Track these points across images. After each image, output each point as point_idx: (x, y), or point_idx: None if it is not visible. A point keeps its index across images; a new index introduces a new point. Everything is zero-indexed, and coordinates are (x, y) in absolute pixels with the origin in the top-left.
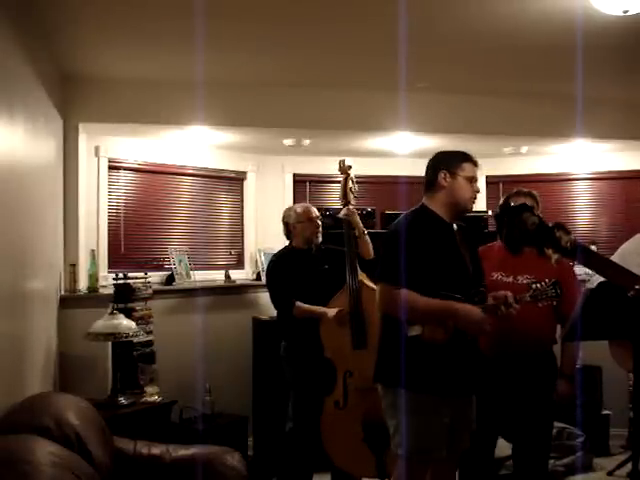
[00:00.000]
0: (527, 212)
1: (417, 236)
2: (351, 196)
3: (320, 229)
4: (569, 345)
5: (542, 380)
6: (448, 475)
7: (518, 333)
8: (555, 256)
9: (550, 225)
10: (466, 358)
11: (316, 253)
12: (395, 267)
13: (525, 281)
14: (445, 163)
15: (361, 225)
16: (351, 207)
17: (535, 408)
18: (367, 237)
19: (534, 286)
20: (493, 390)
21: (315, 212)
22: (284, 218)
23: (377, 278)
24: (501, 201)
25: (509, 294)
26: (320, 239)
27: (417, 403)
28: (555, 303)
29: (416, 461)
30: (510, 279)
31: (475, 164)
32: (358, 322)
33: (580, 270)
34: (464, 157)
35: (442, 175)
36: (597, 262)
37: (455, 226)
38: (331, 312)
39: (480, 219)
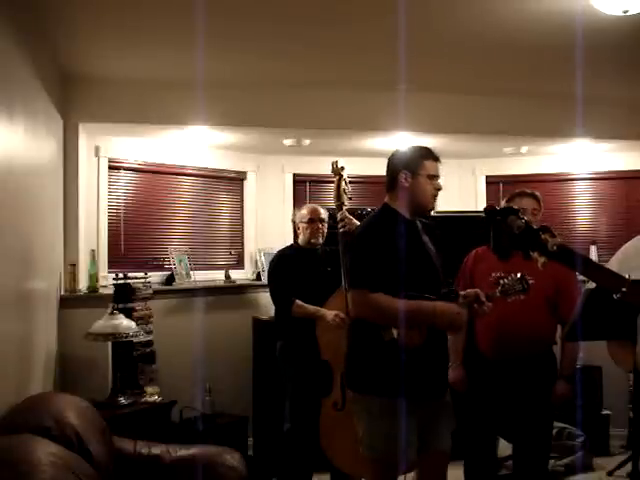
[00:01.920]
0: (512, 215)
1: (383, 237)
2: (345, 197)
3: (321, 231)
4: (569, 346)
5: (542, 381)
6: (437, 477)
7: (518, 334)
8: (541, 259)
9: (536, 228)
10: (437, 361)
11: (321, 254)
12: (367, 271)
13: (496, 293)
14: (406, 163)
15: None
16: (347, 214)
17: (535, 409)
18: None
19: (502, 282)
20: (493, 391)
21: (319, 214)
22: (292, 216)
23: (349, 284)
24: (503, 201)
25: (479, 291)
26: (320, 240)
27: (387, 407)
28: (523, 297)
29: (386, 464)
30: (478, 290)
31: (436, 160)
32: None
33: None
34: (425, 155)
35: (403, 176)
36: (583, 265)
37: (419, 224)
38: (329, 315)
39: (480, 219)
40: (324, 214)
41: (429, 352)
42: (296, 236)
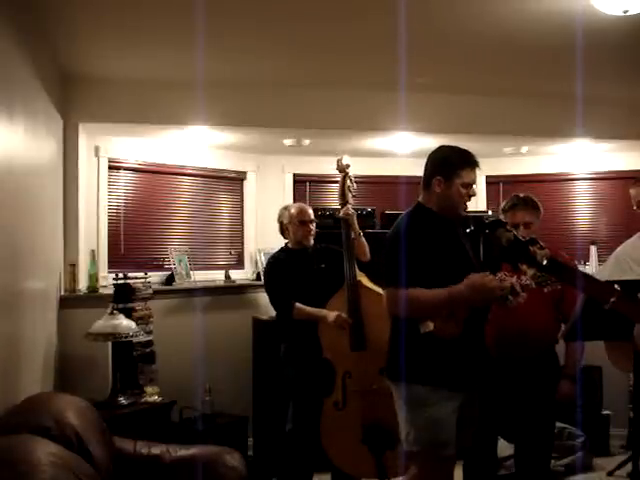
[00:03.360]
0: (501, 228)
1: (419, 236)
2: (349, 195)
3: (312, 232)
4: (573, 345)
5: (545, 380)
6: (447, 472)
7: (520, 333)
8: (531, 271)
9: (524, 241)
10: (475, 351)
11: (312, 253)
12: (399, 270)
13: (528, 281)
14: (442, 168)
15: (357, 227)
16: (350, 209)
17: (538, 408)
18: (363, 239)
19: (538, 273)
20: (496, 390)
21: (309, 215)
22: (279, 217)
23: (384, 284)
24: (502, 205)
25: (515, 282)
26: (312, 242)
27: (429, 396)
28: (559, 287)
29: (431, 457)
30: (514, 279)
31: (474, 167)
32: (356, 323)
33: (583, 268)
34: (463, 163)
35: (436, 181)
36: (572, 276)
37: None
38: (331, 316)
39: (479, 220)
40: (313, 215)
41: (466, 342)
42: (284, 235)
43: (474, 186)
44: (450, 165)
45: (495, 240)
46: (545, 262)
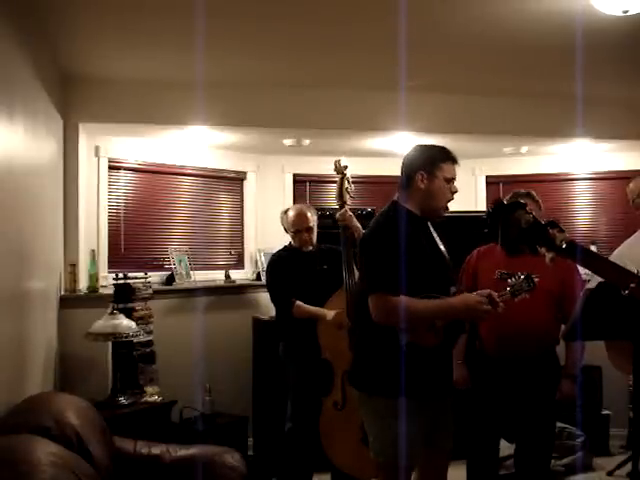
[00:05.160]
0: (521, 210)
1: (395, 237)
2: (347, 196)
3: (309, 239)
4: (573, 345)
5: (545, 380)
6: (438, 477)
7: (521, 334)
8: (549, 255)
9: (544, 223)
10: (448, 360)
11: (315, 253)
12: (384, 274)
13: (506, 295)
14: (423, 163)
15: (359, 226)
16: (348, 211)
17: (538, 408)
18: None
19: (510, 281)
20: (496, 389)
21: (305, 222)
22: (280, 220)
23: (368, 289)
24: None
25: (492, 292)
26: (310, 248)
27: (398, 409)
28: (528, 296)
29: (398, 468)
30: (491, 291)
31: (454, 162)
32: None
33: (583, 269)
34: (443, 156)
35: (419, 177)
36: (591, 260)
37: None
38: (330, 314)
39: (479, 219)
40: (311, 220)
41: (444, 352)
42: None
43: (455, 183)
44: (432, 159)
45: (514, 222)
46: (564, 245)
